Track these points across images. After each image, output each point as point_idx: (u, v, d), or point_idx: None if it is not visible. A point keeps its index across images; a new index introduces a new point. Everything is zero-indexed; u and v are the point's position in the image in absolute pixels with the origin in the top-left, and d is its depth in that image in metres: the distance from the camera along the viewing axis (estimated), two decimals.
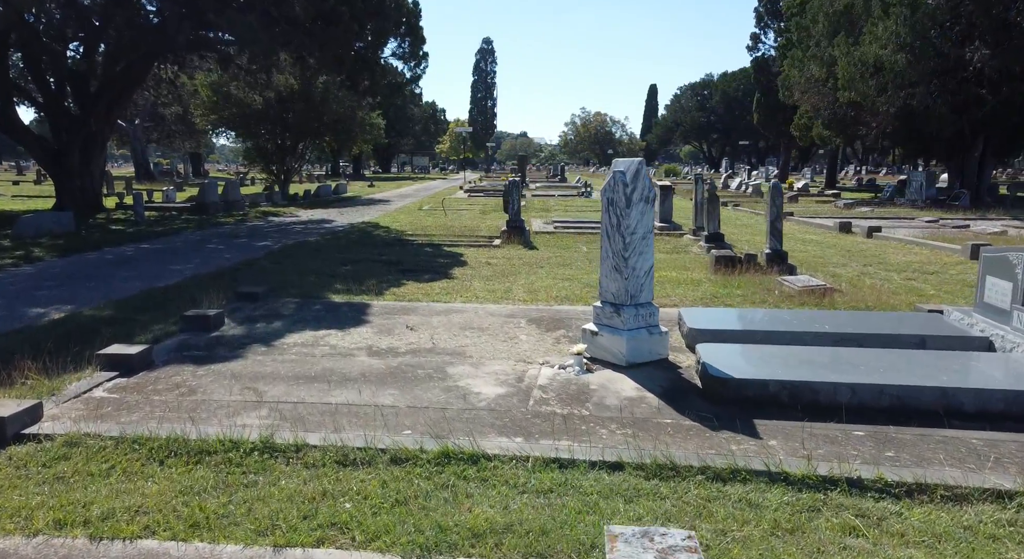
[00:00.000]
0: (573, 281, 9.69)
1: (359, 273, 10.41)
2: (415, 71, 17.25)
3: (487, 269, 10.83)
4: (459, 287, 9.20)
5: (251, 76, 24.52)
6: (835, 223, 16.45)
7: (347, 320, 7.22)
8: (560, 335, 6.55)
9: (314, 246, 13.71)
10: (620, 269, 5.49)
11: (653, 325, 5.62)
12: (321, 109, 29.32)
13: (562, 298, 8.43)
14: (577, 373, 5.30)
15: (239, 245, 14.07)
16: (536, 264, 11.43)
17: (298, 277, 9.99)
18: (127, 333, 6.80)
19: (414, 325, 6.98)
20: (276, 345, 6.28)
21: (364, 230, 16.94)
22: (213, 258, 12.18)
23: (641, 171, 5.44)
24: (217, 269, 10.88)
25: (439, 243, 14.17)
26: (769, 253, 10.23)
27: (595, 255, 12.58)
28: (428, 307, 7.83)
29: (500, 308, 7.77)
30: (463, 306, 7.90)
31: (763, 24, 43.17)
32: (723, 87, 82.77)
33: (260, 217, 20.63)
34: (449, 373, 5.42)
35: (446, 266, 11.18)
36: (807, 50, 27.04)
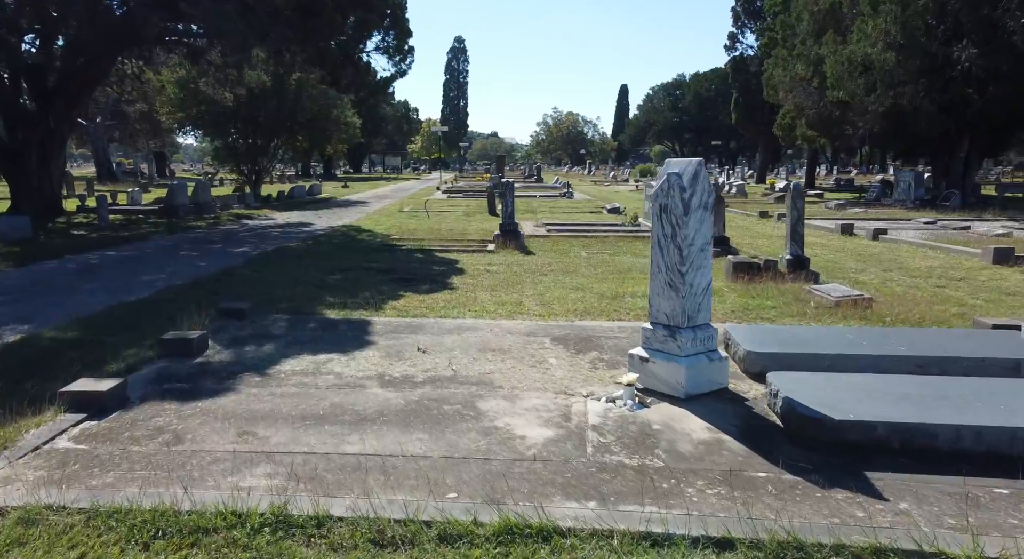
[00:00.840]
0: (585, 291, 8.96)
1: (351, 283, 9.58)
2: (400, 66, 16.31)
3: (488, 278, 10.06)
4: (464, 299, 8.41)
5: (221, 72, 23.44)
6: (836, 225, 15.96)
7: (349, 341, 6.40)
8: (594, 358, 5.81)
9: (296, 252, 12.81)
10: (676, 286, 4.77)
11: (712, 350, 4.91)
12: (295, 107, 28.24)
13: (580, 312, 7.69)
14: (631, 408, 4.56)
15: (214, 252, 13.11)
16: (538, 272, 10.69)
17: (284, 289, 9.12)
18: (96, 360, 5.91)
19: (426, 347, 6.18)
20: (272, 374, 5.45)
21: (347, 234, 16.04)
22: (187, 267, 11.23)
23: (700, 174, 4.72)
24: (193, 279, 9.95)
25: (430, 248, 13.35)
26: (790, 259, 9.61)
27: (596, 260, 11.90)
28: (437, 324, 7.04)
29: (516, 325, 7.00)
30: (475, 322, 7.12)
31: (740, 23, 42.93)
32: (696, 87, 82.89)
33: (233, 220, 19.58)
34: (481, 410, 4.65)
35: (443, 274, 10.38)
36: (793, 49, 26.68)
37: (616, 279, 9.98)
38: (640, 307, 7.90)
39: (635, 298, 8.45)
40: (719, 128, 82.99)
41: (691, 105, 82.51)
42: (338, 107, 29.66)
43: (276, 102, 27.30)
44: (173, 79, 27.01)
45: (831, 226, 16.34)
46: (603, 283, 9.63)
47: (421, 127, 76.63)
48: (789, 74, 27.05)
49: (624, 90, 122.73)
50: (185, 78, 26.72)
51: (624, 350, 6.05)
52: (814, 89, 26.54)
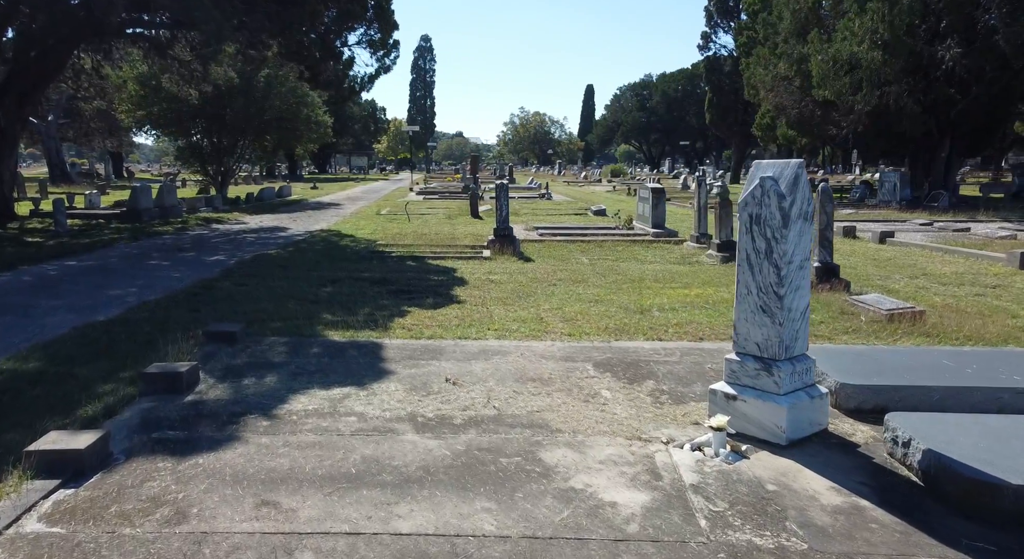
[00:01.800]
0: (605, 304, 8.22)
1: (346, 297, 8.70)
2: (383, 62, 15.36)
3: (495, 289, 9.27)
4: (477, 315, 7.61)
5: (186, 68, 22.20)
6: (838, 227, 15.48)
7: (363, 370, 5.56)
8: (653, 390, 5.06)
9: (278, 261, 11.85)
10: (771, 311, 4.04)
11: (811, 384, 4.20)
12: (263, 105, 27.05)
13: (612, 330, 6.94)
14: (727, 459, 3.82)
15: (187, 260, 12.08)
16: (545, 281, 9.93)
17: (273, 304, 8.21)
18: (65, 400, 4.99)
19: (455, 377, 5.37)
20: (281, 416, 4.59)
21: (328, 240, 15.09)
22: (160, 278, 10.22)
23: (801, 178, 4.01)
24: (168, 294, 8.96)
25: (421, 255, 12.50)
26: (819, 266, 9.00)
27: (602, 267, 11.19)
28: (458, 348, 6.22)
29: (548, 347, 6.23)
30: (501, 345, 6.33)
31: (714, 23, 42.71)
32: (663, 88, 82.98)
33: (202, 224, 18.45)
34: (547, 463, 3.86)
35: (444, 285, 9.56)
36: (775, 48, 26.34)
37: (632, 289, 9.28)
38: (674, 323, 7.19)
39: (664, 312, 7.74)
40: (686, 128, 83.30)
41: (658, 105, 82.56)
42: (308, 105, 28.54)
43: (244, 100, 26.11)
44: (133, 75, 25.63)
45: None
46: (620, 294, 8.91)
47: (389, 127, 75.29)
48: (770, 73, 26.72)
49: (590, 90, 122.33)
50: (146, 74, 25.37)
51: (680, 378, 5.33)
52: (796, 88, 26.23)
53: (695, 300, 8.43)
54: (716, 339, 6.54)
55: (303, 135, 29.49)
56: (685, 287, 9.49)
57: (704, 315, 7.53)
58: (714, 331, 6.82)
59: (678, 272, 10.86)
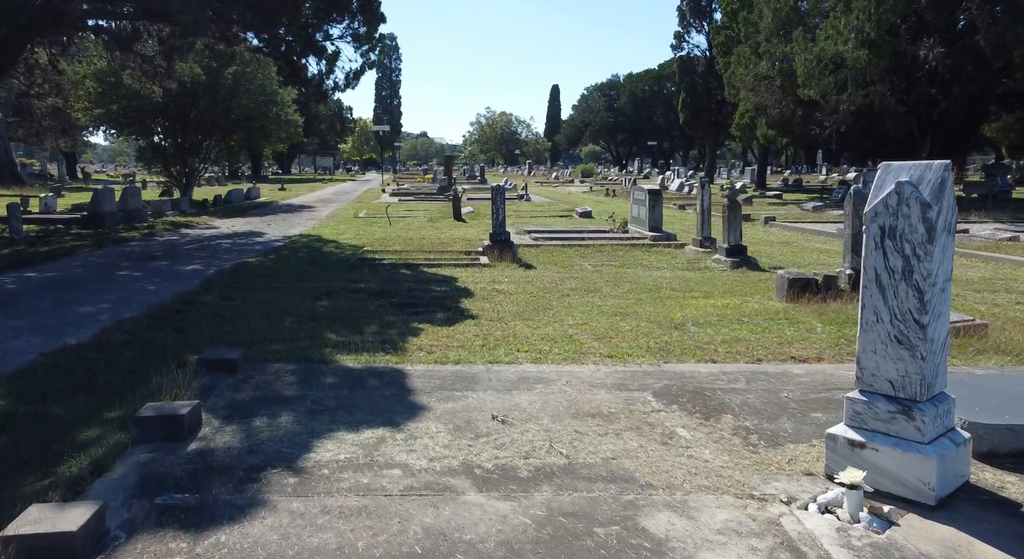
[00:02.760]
0: (633, 318, 7.56)
1: (345, 312, 7.90)
2: (369, 57, 14.49)
3: (506, 301, 8.55)
4: (499, 333, 6.88)
5: (149, 63, 21.04)
6: (838, 230, 15.07)
7: (391, 405, 4.81)
8: (736, 427, 4.40)
9: (261, 270, 10.95)
10: (910, 342, 3.40)
11: (951, 428, 3.57)
12: (230, 103, 25.92)
13: (655, 350, 6.27)
14: (875, 527, 3.16)
15: (161, 271, 11.11)
16: (556, 291, 9.24)
17: (267, 321, 7.37)
18: (41, 451, 4.15)
19: (501, 413, 4.65)
20: (310, 469, 3.82)
21: (310, 246, 14.19)
22: (133, 292, 9.27)
23: (947, 182, 3.37)
24: (146, 310, 8.06)
25: (415, 263, 11.71)
26: (852, 274, 8.47)
27: (610, 275, 10.56)
28: (492, 374, 5.49)
29: (594, 373, 5.53)
30: (539, 371, 5.62)
31: (686, 23, 42.48)
32: (630, 88, 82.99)
33: (170, 229, 17.36)
34: (655, 535, 3.16)
35: (450, 297, 8.80)
36: (756, 47, 26.05)
37: (652, 300, 8.64)
38: (720, 341, 6.55)
39: (700, 327, 7.10)
40: (653, 128, 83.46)
41: (626, 106, 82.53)
42: (277, 104, 27.44)
43: (210, 98, 24.95)
44: (91, 71, 24.29)
45: (832, 231, 15.49)
46: (643, 306, 8.27)
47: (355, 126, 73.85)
48: (751, 73, 26.42)
49: (555, 90, 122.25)
50: (105, 70, 24.08)
51: (760, 411, 4.68)
52: (777, 88, 25.98)
53: (727, 312, 7.81)
54: (774, 360, 5.91)
55: (272, 134, 28.39)
56: (707, 297, 8.89)
57: (747, 331, 6.90)
58: (768, 350, 6.19)
59: (692, 279, 10.26)
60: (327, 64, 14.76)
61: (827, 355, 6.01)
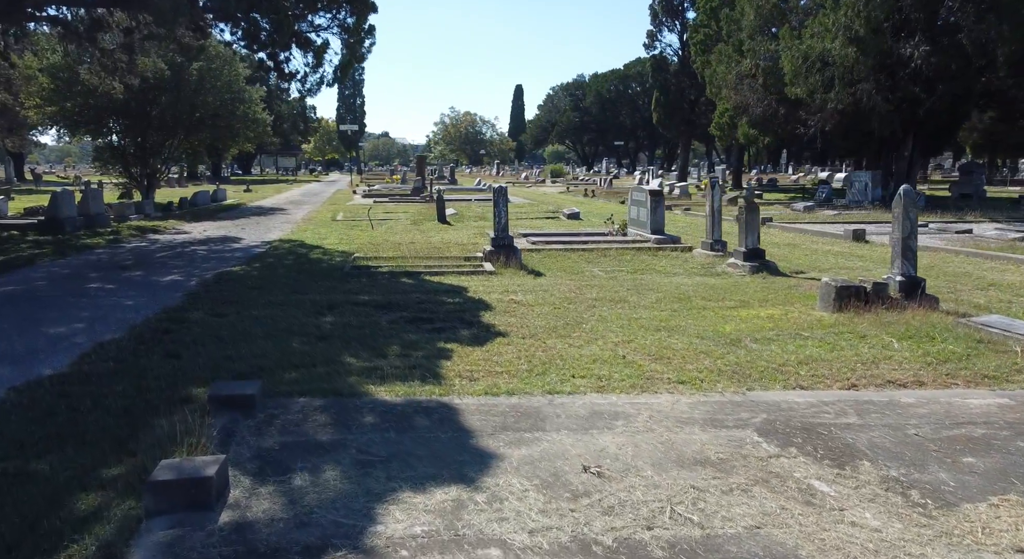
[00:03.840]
0: (678, 333, 6.86)
1: (356, 329, 7.06)
2: (357, 50, 13.45)
3: (531, 314, 7.79)
4: (540, 354, 6.12)
5: (108, 57, 19.75)
6: (844, 231, 14.67)
7: (453, 452, 4.02)
8: (881, 478, 3.72)
9: (248, 281, 10.00)
10: None
11: None
12: (195, 100, 24.62)
13: (726, 373, 5.57)
14: None
15: (136, 282, 10.08)
16: (579, 301, 8.52)
17: (272, 342, 6.50)
18: (30, 530, 3.27)
19: (591, 461, 3.90)
20: (380, 551, 3.04)
21: (294, 252, 13.22)
22: (109, 308, 8.27)
23: None
24: (128, 330, 7.10)
25: (414, 270, 10.86)
26: (903, 281, 7.91)
27: (628, 282, 9.91)
28: (559, 409, 4.73)
29: (674, 404, 4.81)
30: (610, 402, 4.88)
31: (659, 22, 42.12)
32: (596, 87, 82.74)
33: (137, 235, 16.18)
34: None
35: (467, 310, 8.01)
36: (740, 44, 25.68)
37: (688, 310, 7.97)
38: (795, 361, 5.88)
39: (760, 344, 6.44)
40: (619, 128, 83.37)
41: (592, 105, 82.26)
42: (245, 102, 26.20)
43: (174, 94, 23.65)
44: (44, 65, 22.81)
45: (837, 232, 15.05)
46: (681, 317, 7.59)
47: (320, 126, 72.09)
48: (733, 71, 26.05)
49: (519, 90, 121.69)
50: (60, 65, 22.65)
51: (899, 455, 4.02)
52: (760, 86, 25.66)
53: (779, 325, 7.17)
54: (871, 386, 5.25)
55: (239, 134, 27.13)
56: (743, 306, 8.25)
57: (816, 348, 6.25)
58: (855, 373, 5.53)
59: (717, 287, 9.62)
60: (314, 57, 13.79)
61: (926, 378, 5.37)
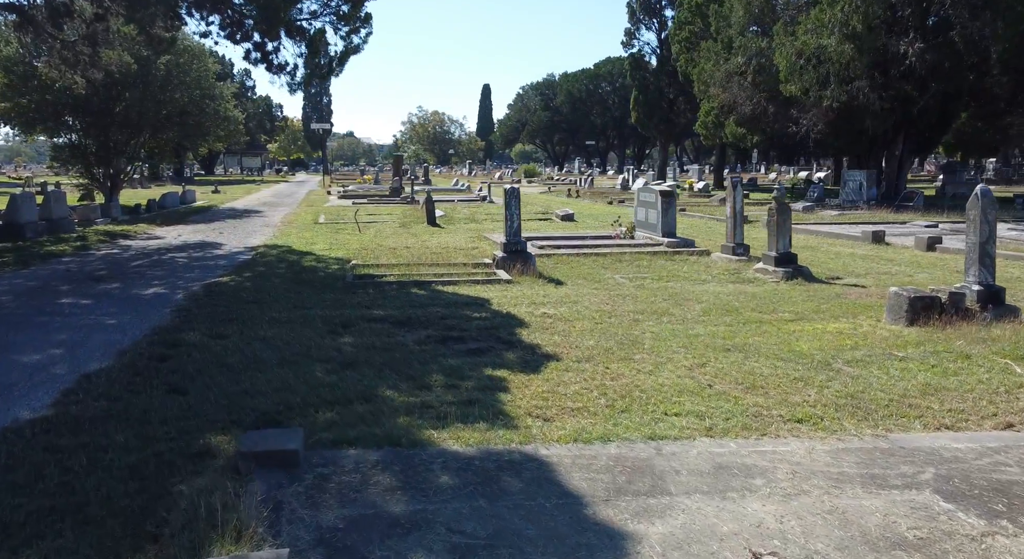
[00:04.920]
0: (754, 353, 6.07)
1: (382, 352, 6.14)
2: (351, 40, 12.38)
3: (573, 331, 6.94)
4: (610, 382, 5.27)
5: (69, 49, 18.42)
6: (862, 233, 14.10)
7: (572, 530, 3.17)
8: None
9: (242, 294, 8.96)
10: None
11: None
12: (162, 97, 23.28)
13: (843, 406, 4.78)
14: None
15: (115, 296, 8.98)
16: (617, 315, 7.70)
17: (291, 371, 5.55)
18: None
19: (762, 549, 3.06)
20: None
21: (284, 259, 12.17)
22: (89, 328, 7.20)
23: None
24: (116, 357, 6.07)
25: (422, 279, 9.92)
26: (981, 290, 7.24)
27: (659, 291, 9.15)
28: (671, 460, 3.89)
29: (810, 453, 4.01)
30: (730, 451, 4.05)
31: (636, 20, 41.57)
32: (567, 87, 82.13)
33: (106, 241, 14.93)
34: None
35: (499, 327, 7.13)
36: (729, 41, 25.15)
37: (745, 325, 7.21)
38: (911, 390, 5.12)
39: (855, 367, 5.68)
40: (590, 127, 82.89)
41: (563, 105, 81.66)
42: (216, 99, 24.90)
43: (140, 90, 22.29)
44: None
45: (852, 233, 14.47)
46: (743, 333, 6.82)
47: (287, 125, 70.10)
48: (722, 68, 25.53)
49: (487, 90, 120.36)
50: (14, 58, 21.15)
51: None
52: (749, 84, 25.17)
53: (861, 343, 6.41)
54: None
55: (210, 132, 25.79)
56: (802, 319, 7.51)
57: (926, 373, 5.47)
58: (995, 406, 4.75)
59: (759, 296, 8.88)
60: (308, 47, 12.69)
61: None
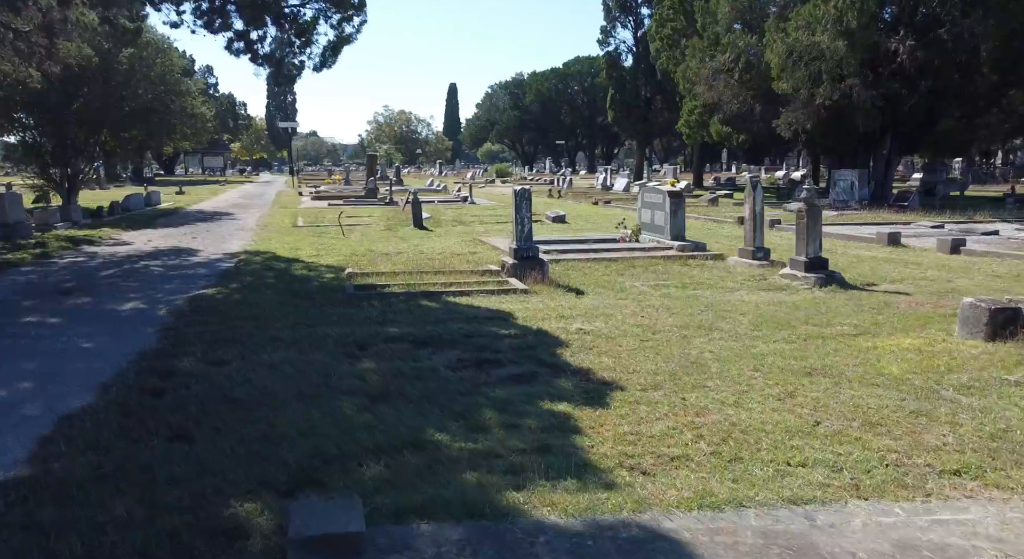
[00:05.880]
0: (842, 380, 5.36)
1: (412, 380, 5.29)
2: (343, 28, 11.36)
3: (619, 350, 6.15)
4: (693, 418, 4.51)
5: (24, 40, 17.12)
6: (876, 235, 13.59)
7: None
8: None
9: (235, 309, 7.98)
10: None
11: None
12: (124, 92, 21.95)
13: (998, 451, 4.07)
14: None
15: (88, 313, 7.95)
16: (659, 329, 6.95)
17: (313, 407, 4.67)
18: None
19: None
20: None
21: (271, 267, 11.16)
22: (62, 354, 6.19)
23: None
24: (100, 391, 5.10)
25: (430, 290, 9.03)
26: None
27: (690, 301, 8.42)
28: (836, 538, 3.14)
29: (1002, 524, 3.28)
30: (901, 522, 3.31)
31: (612, 18, 40.99)
32: (536, 86, 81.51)
33: (69, 247, 13.72)
34: None
35: (535, 347, 6.32)
36: (716, 38, 24.66)
37: (803, 340, 6.51)
38: None
39: (969, 395, 4.99)
40: (560, 127, 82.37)
41: (533, 104, 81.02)
42: (183, 94, 23.61)
43: (101, 85, 20.95)
44: None
45: (865, 235, 13.95)
46: (812, 353, 6.11)
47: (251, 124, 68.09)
48: (708, 66, 25.03)
49: (453, 89, 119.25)
50: None
51: None
52: (735, 82, 24.71)
53: (952, 364, 5.73)
54: None
55: (177, 130, 24.48)
56: (867, 334, 6.82)
57: None
58: None
59: (803, 306, 8.17)
60: (297, 35, 11.62)
61: None
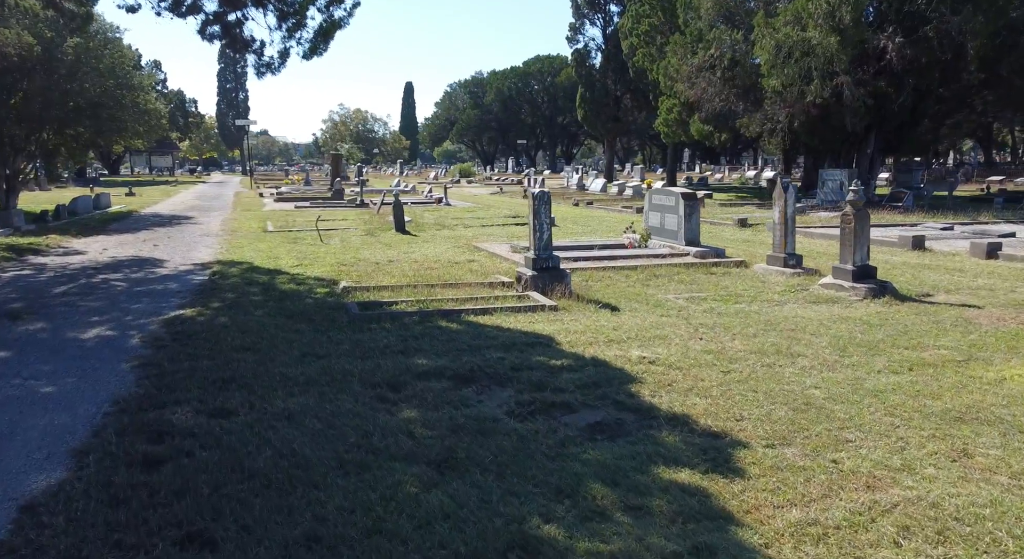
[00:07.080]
0: (987, 426, 4.44)
1: (475, 437, 4.20)
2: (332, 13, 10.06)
3: (703, 388, 5.15)
4: (879, 498, 3.53)
5: None
6: (899, 239, 12.89)
7: None
8: None
9: (224, 337, 6.69)
10: None
11: None
12: (69, 86, 20.15)
13: None
14: None
15: (43, 344, 6.59)
16: (727, 356, 5.99)
17: (365, 484, 3.54)
18: None
19: None
20: None
21: (253, 282, 9.84)
22: (16, 404, 4.89)
23: None
24: (72, 464, 3.87)
25: (445, 308, 7.89)
26: None
27: (730, 314, 7.43)
28: None
29: None
30: None
31: (581, 15, 40.15)
32: (496, 85, 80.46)
33: (13, 258, 12.13)
34: None
35: (601, 384, 5.27)
36: (699, 34, 23.93)
37: (911, 371, 5.59)
38: None
39: None
40: (521, 126, 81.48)
41: (494, 103, 79.95)
42: (134, 89, 21.87)
43: (43, 78, 19.16)
44: None
45: (887, 238, 13.24)
46: (925, 385, 5.19)
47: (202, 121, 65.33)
48: (689, 63, 24.30)
49: (410, 88, 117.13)
50: None
51: None
52: (718, 79, 24.05)
53: None
54: None
55: (128, 127, 22.70)
56: (975, 359, 5.95)
57: None
58: None
59: (873, 323, 7.26)
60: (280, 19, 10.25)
61: None
